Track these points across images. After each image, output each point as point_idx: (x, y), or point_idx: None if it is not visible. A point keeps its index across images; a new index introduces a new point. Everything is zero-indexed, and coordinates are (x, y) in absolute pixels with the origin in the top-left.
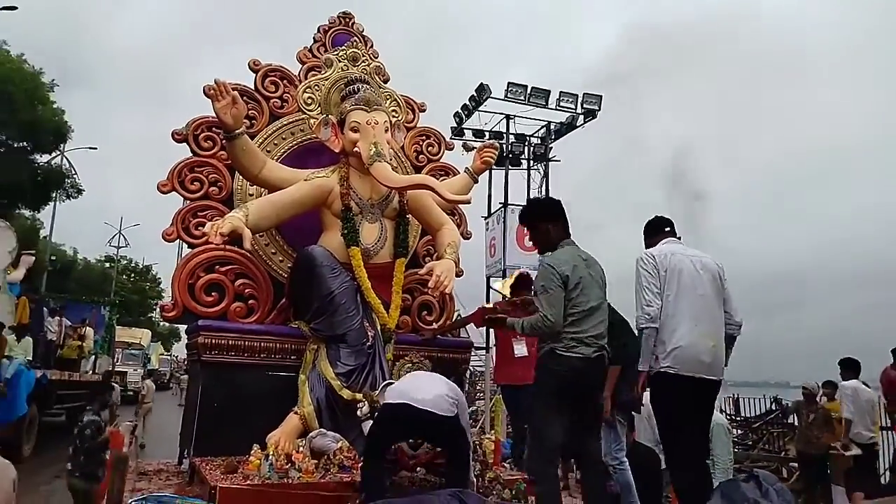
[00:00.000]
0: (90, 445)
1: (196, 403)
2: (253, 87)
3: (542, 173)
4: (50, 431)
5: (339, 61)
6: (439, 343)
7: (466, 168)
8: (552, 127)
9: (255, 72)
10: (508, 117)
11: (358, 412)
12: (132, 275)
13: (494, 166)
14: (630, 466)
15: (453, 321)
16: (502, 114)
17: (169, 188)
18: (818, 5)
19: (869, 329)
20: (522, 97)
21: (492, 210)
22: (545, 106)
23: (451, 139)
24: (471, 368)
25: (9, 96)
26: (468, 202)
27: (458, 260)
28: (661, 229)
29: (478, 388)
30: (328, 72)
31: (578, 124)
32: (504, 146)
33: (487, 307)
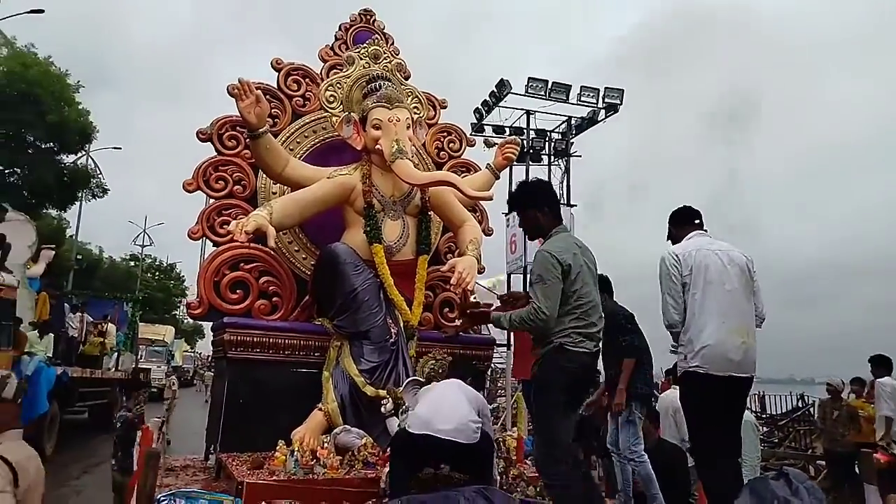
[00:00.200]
0: (122, 440)
1: (222, 400)
2: (276, 86)
3: (564, 169)
4: (73, 429)
5: (361, 59)
6: (461, 340)
7: (488, 164)
8: (573, 122)
9: (278, 71)
10: (529, 113)
11: (382, 409)
12: (156, 273)
13: (515, 162)
14: (656, 464)
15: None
16: (523, 109)
17: (194, 187)
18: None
19: None
20: (543, 92)
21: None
22: (566, 101)
23: (472, 135)
24: (493, 365)
25: (36, 98)
26: (490, 198)
27: (480, 257)
28: (690, 221)
29: (499, 385)
30: (350, 69)
31: (600, 119)
32: (525, 142)
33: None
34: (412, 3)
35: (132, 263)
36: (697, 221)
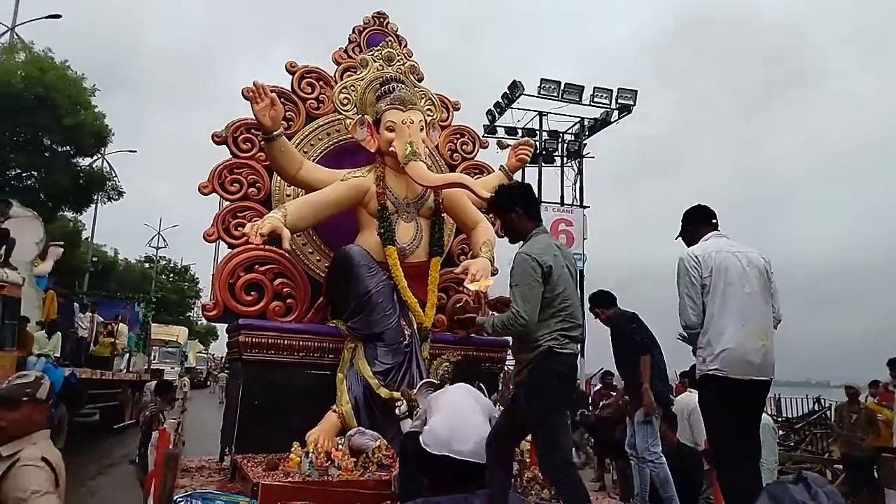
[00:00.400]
0: (146, 434)
1: (237, 401)
2: (290, 89)
3: (577, 170)
4: (83, 432)
5: (375, 61)
6: (474, 342)
7: (501, 166)
8: (586, 123)
9: (292, 74)
10: (541, 114)
11: (396, 411)
12: (171, 275)
13: (528, 164)
14: (674, 469)
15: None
16: (535, 111)
17: (210, 190)
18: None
19: None
20: (556, 93)
21: None
22: (579, 102)
23: (484, 137)
24: (505, 368)
25: (53, 102)
26: None
27: (493, 258)
28: (707, 220)
29: (511, 388)
30: (363, 72)
31: (613, 120)
32: (537, 143)
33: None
34: (426, 6)
35: (147, 265)
36: (714, 221)
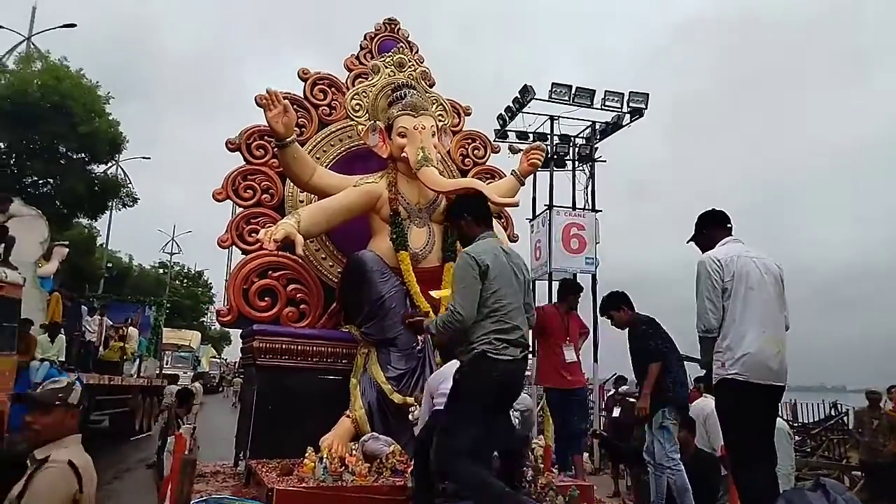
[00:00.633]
0: (163, 432)
1: (251, 406)
2: (302, 96)
3: (588, 174)
4: (93, 438)
5: (386, 67)
6: None
7: (513, 171)
8: (597, 127)
9: (305, 80)
10: (553, 118)
11: (409, 416)
12: (185, 280)
13: (539, 168)
14: (693, 476)
15: None
16: (546, 115)
17: (224, 196)
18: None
19: None
20: (567, 97)
21: (537, 212)
22: (590, 106)
23: (495, 141)
24: None
25: (68, 110)
26: (516, 205)
27: None
28: (723, 225)
29: (525, 393)
30: (375, 78)
31: (624, 123)
32: (549, 147)
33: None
34: (436, 10)
35: (161, 271)
36: (729, 226)
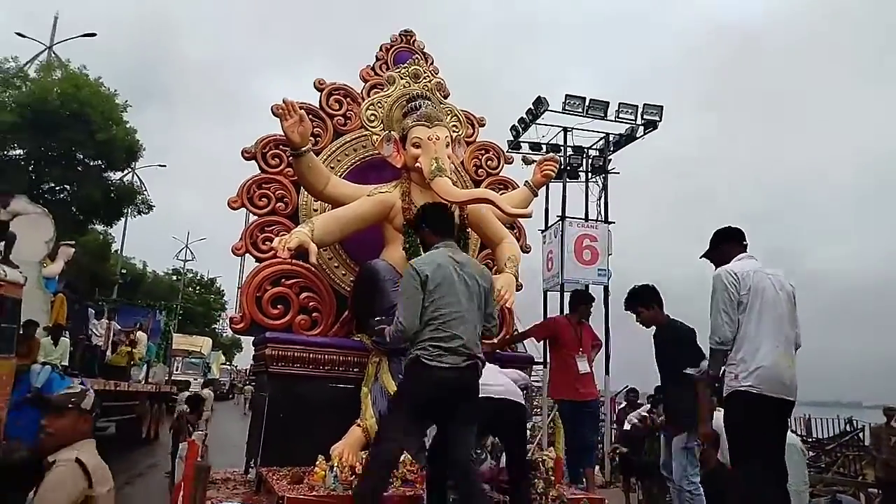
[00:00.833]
0: (176, 432)
1: (263, 414)
2: (318, 106)
3: (601, 186)
4: (105, 443)
5: (401, 78)
6: (499, 358)
7: (526, 181)
8: (611, 138)
9: (320, 91)
10: (566, 130)
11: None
12: (198, 287)
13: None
14: (716, 492)
15: (512, 335)
16: (560, 126)
17: (239, 204)
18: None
19: None
20: (581, 109)
21: (549, 223)
22: (604, 118)
23: (508, 152)
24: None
25: (87, 118)
26: (529, 216)
27: (518, 274)
28: (739, 241)
29: (535, 404)
30: (390, 89)
31: (638, 136)
32: (562, 159)
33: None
34: (454, 23)
35: (175, 278)
36: (745, 243)
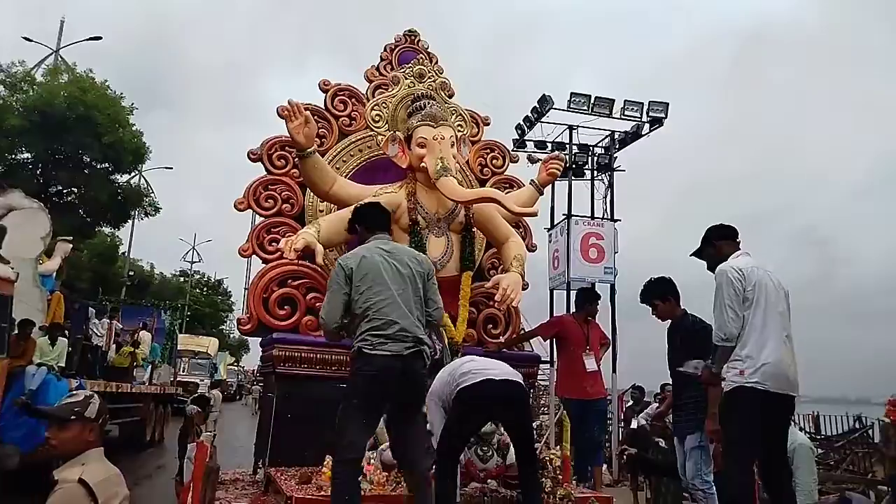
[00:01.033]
0: (183, 433)
1: (271, 414)
2: (323, 107)
3: (607, 183)
4: (110, 446)
5: (406, 78)
6: (505, 357)
7: (532, 180)
8: (616, 136)
9: (325, 92)
10: (571, 128)
11: (427, 426)
12: (205, 288)
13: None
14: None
15: (519, 334)
16: (565, 124)
17: (245, 206)
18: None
19: None
20: (586, 107)
21: (555, 222)
22: (609, 115)
23: (513, 151)
24: (536, 383)
25: (93, 121)
26: (535, 214)
27: (524, 273)
28: (733, 239)
29: (542, 403)
30: (395, 89)
31: (644, 133)
32: (567, 157)
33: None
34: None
35: (182, 279)
36: (738, 240)
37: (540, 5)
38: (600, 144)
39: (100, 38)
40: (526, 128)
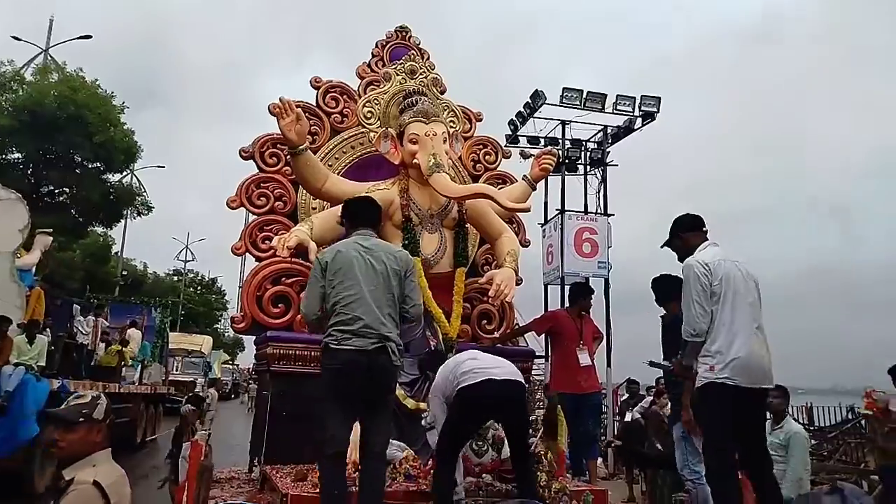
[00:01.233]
0: (177, 434)
1: (266, 412)
2: (315, 104)
3: (600, 178)
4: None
5: (398, 75)
6: (500, 352)
7: (524, 176)
8: (609, 131)
9: (317, 89)
10: (564, 123)
11: (422, 421)
12: (199, 287)
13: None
14: None
15: (513, 330)
16: (557, 120)
17: (237, 204)
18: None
19: None
20: (578, 102)
21: (549, 217)
22: (601, 110)
23: (506, 146)
24: (531, 377)
25: (84, 120)
26: (528, 210)
27: (518, 268)
28: (700, 229)
29: (537, 398)
30: (387, 85)
31: (636, 127)
32: (560, 152)
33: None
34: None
35: (175, 278)
36: (705, 230)
37: (540, 4)
38: (593, 139)
39: (90, 37)
40: (519, 123)
